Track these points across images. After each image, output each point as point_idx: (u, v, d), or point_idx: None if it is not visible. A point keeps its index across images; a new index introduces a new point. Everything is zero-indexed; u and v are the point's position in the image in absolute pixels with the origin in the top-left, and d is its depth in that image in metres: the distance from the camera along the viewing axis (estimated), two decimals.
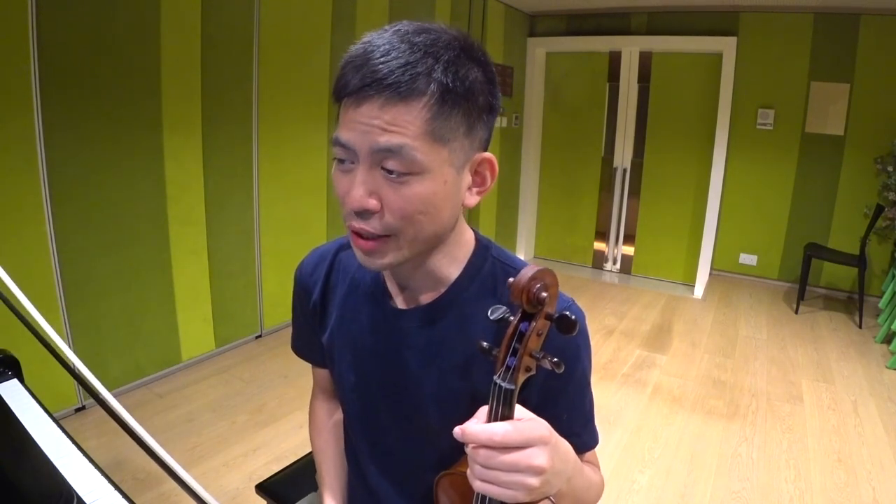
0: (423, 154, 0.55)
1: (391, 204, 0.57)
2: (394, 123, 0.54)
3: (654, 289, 4.57)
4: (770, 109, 4.34)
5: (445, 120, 0.56)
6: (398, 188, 0.57)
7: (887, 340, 3.45)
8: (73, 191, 2.16)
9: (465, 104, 0.57)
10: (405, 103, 0.54)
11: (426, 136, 0.55)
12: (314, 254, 0.83)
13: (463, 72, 0.56)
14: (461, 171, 0.61)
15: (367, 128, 0.55)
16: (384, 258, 0.61)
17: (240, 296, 2.96)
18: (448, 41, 0.57)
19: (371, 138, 0.55)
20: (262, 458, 2.09)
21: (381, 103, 0.54)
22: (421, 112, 0.55)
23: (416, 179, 0.56)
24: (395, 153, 0.55)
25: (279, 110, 2.96)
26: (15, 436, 0.92)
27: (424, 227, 0.60)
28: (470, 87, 0.57)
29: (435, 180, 0.57)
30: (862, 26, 3.97)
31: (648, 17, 4.55)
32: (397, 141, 0.54)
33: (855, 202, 4.20)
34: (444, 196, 0.59)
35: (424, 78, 0.54)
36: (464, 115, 0.57)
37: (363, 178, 0.57)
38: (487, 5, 4.33)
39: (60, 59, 2.05)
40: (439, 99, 0.55)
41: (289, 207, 3.13)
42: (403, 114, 0.54)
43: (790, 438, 2.41)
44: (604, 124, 4.83)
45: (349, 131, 0.56)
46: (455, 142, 0.58)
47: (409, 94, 0.54)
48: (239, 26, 2.70)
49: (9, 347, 1.16)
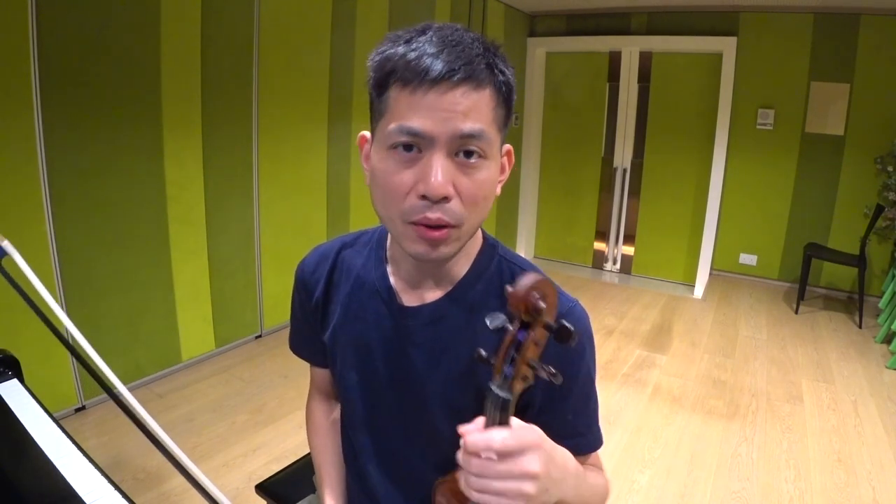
0: (492, 139, 0.59)
1: (464, 190, 0.58)
2: (473, 109, 0.56)
3: (654, 289, 4.57)
4: (770, 109, 4.33)
5: (502, 109, 0.60)
6: (472, 173, 0.58)
7: (887, 340, 3.45)
8: (73, 190, 2.16)
9: (510, 98, 0.62)
10: (478, 90, 0.57)
11: (493, 123, 0.59)
12: (315, 252, 0.82)
13: (507, 69, 0.61)
14: (500, 159, 0.64)
15: (447, 114, 0.56)
16: (447, 247, 0.61)
17: (240, 296, 2.96)
18: (492, 44, 0.61)
19: (454, 125, 0.56)
20: (262, 458, 2.09)
21: (463, 89, 0.56)
22: (490, 100, 0.58)
23: (485, 164, 0.59)
24: (477, 138, 0.57)
25: (279, 110, 2.96)
26: (15, 436, 0.92)
27: (482, 214, 0.62)
28: (510, 84, 0.61)
29: (495, 165, 0.62)
30: (862, 26, 3.97)
31: (648, 17, 4.55)
32: (479, 126, 0.57)
33: (855, 202, 4.20)
34: (495, 182, 0.63)
35: (489, 70, 0.58)
36: (507, 108, 0.62)
37: (442, 164, 0.56)
38: (487, 5, 4.33)
39: (60, 59, 2.05)
40: (498, 89, 0.59)
41: (289, 207, 3.13)
42: (479, 100, 0.57)
43: (790, 438, 2.41)
44: (604, 124, 4.83)
45: (425, 118, 0.56)
46: (503, 131, 0.62)
47: (482, 83, 0.57)
48: (239, 26, 2.70)
49: (9, 347, 1.16)
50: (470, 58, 0.56)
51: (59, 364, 2.21)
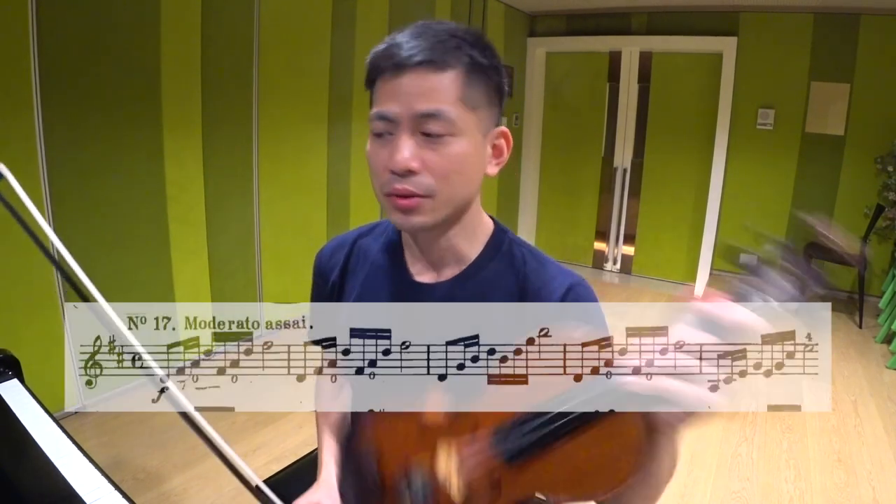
0: (458, 117, 0.64)
1: (431, 163, 0.64)
2: (432, 90, 0.62)
3: (654, 289, 4.57)
4: (770, 109, 4.33)
5: (473, 88, 0.65)
6: (438, 148, 0.64)
7: (887, 340, 3.45)
8: (72, 190, 2.16)
9: (487, 78, 0.66)
10: (441, 72, 0.63)
11: (459, 101, 0.64)
12: (333, 241, 0.87)
13: (483, 53, 0.66)
14: (485, 139, 0.68)
15: (408, 97, 0.63)
16: (421, 216, 0.66)
17: (240, 296, 2.96)
18: (466, 31, 0.67)
19: (413, 105, 0.63)
20: (262, 458, 2.09)
21: (421, 72, 0.62)
22: (455, 79, 0.63)
23: (453, 140, 0.64)
24: (434, 116, 0.63)
25: (279, 110, 2.96)
26: (15, 436, 0.92)
27: (458, 187, 0.66)
28: (488, 67, 0.66)
29: (468, 142, 0.65)
30: (862, 26, 3.97)
31: (648, 17, 4.55)
32: (435, 106, 0.62)
33: (855, 202, 4.19)
34: (474, 158, 0.67)
35: (455, 52, 0.64)
36: (486, 87, 0.66)
37: (406, 142, 0.63)
38: (487, 5, 4.33)
39: (60, 59, 2.05)
40: (469, 70, 0.64)
41: (289, 207, 3.13)
42: (440, 81, 0.63)
43: (790, 438, 2.41)
44: (604, 124, 4.83)
45: (390, 102, 0.64)
46: (481, 110, 0.66)
47: (444, 65, 0.63)
48: (239, 26, 2.70)
49: (9, 347, 1.15)
50: (434, 42, 0.63)
51: (59, 364, 2.21)
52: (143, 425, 2.22)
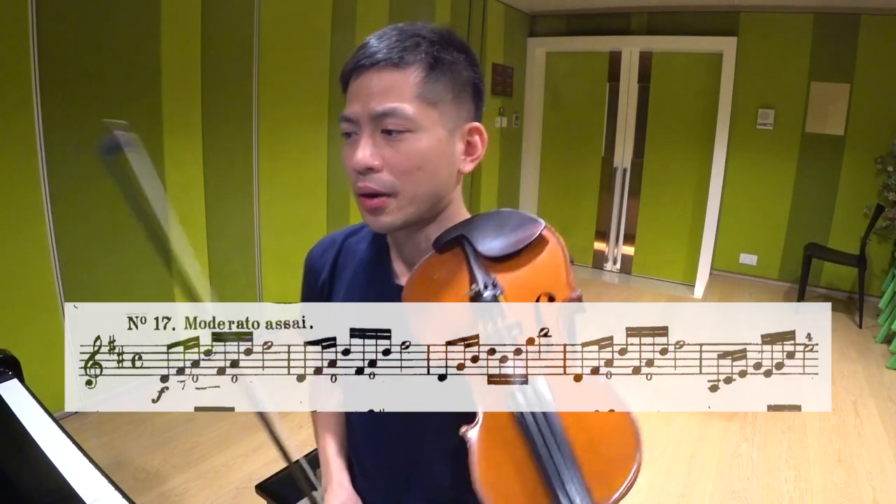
0: (415, 113, 0.64)
1: (391, 161, 0.65)
2: (388, 89, 0.63)
3: (654, 289, 4.57)
4: (770, 109, 4.33)
5: (433, 84, 0.65)
6: (397, 145, 0.64)
7: (887, 340, 3.45)
8: (73, 191, 2.16)
9: (450, 74, 0.66)
10: (398, 70, 0.64)
11: (417, 98, 0.64)
12: (324, 240, 0.88)
13: (447, 49, 0.67)
14: (453, 135, 0.68)
15: (366, 97, 0.64)
16: (387, 216, 0.67)
17: (240, 296, 2.96)
18: (432, 30, 0.67)
19: (370, 105, 0.64)
20: (262, 458, 2.09)
21: (377, 71, 0.64)
22: (412, 77, 0.64)
23: (412, 136, 0.64)
24: (390, 114, 0.63)
25: (279, 110, 2.96)
26: (15, 436, 0.92)
27: (422, 183, 0.66)
28: (454, 61, 0.67)
29: (429, 138, 0.65)
30: (862, 26, 3.97)
31: (648, 17, 4.55)
32: (391, 104, 0.63)
33: (855, 202, 4.19)
34: (439, 154, 0.67)
35: (413, 49, 0.64)
36: (449, 82, 0.66)
37: (366, 141, 0.65)
38: (487, 5, 4.33)
39: (60, 59, 2.05)
40: (427, 66, 0.65)
41: (289, 207, 3.13)
42: (397, 79, 0.64)
43: (790, 438, 2.41)
44: (604, 124, 4.83)
45: (353, 103, 0.66)
46: (444, 105, 0.66)
47: (401, 62, 0.64)
48: (239, 26, 2.70)
49: (9, 347, 1.15)
50: (394, 42, 0.64)
51: (59, 364, 2.21)
52: (143, 425, 2.22)
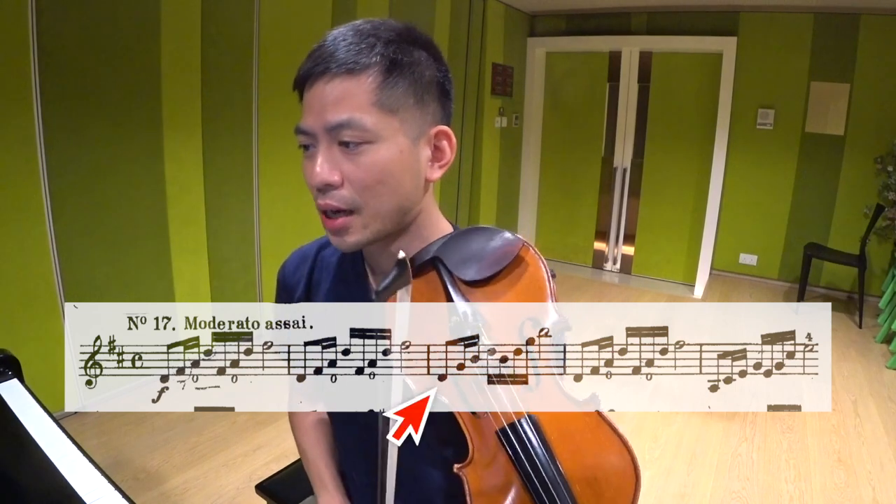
0: (373, 123, 0.59)
1: (351, 176, 0.60)
2: (342, 98, 0.59)
3: (654, 289, 4.57)
4: (770, 109, 4.33)
5: (392, 89, 0.60)
6: (356, 158, 0.60)
7: (887, 340, 3.45)
8: (73, 191, 2.16)
9: (411, 76, 0.61)
10: (352, 77, 0.59)
11: (374, 106, 0.59)
12: (295, 254, 0.84)
13: (406, 48, 0.61)
14: (417, 142, 0.63)
15: (319, 107, 0.59)
16: (352, 235, 0.64)
17: (240, 296, 2.96)
18: (390, 27, 0.62)
19: (324, 117, 0.59)
20: (262, 458, 2.09)
21: (329, 79, 0.59)
22: (367, 83, 0.59)
23: (371, 148, 0.60)
24: (345, 126, 0.59)
25: (279, 110, 2.96)
26: (15, 436, 0.92)
27: (385, 198, 0.62)
28: (414, 62, 0.61)
29: (390, 148, 0.61)
30: (862, 26, 3.97)
31: (648, 17, 4.55)
32: (346, 115, 0.58)
33: (855, 202, 4.19)
34: (401, 166, 0.62)
35: (367, 52, 0.59)
36: (410, 86, 0.61)
37: (323, 155, 0.60)
38: (487, 5, 4.33)
39: (60, 59, 2.05)
40: (384, 70, 0.59)
41: (289, 207, 3.13)
42: (351, 87, 0.59)
43: (790, 438, 2.41)
44: (604, 124, 4.83)
45: (306, 114, 0.61)
46: (405, 111, 0.61)
47: (355, 67, 0.58)
48: (239, 26, 2.70)
49: (9, 347, 1.15)
50: (347, 45, 0.59)
51: (59, 364, 2.21)
52: (143, 425, 2.22)
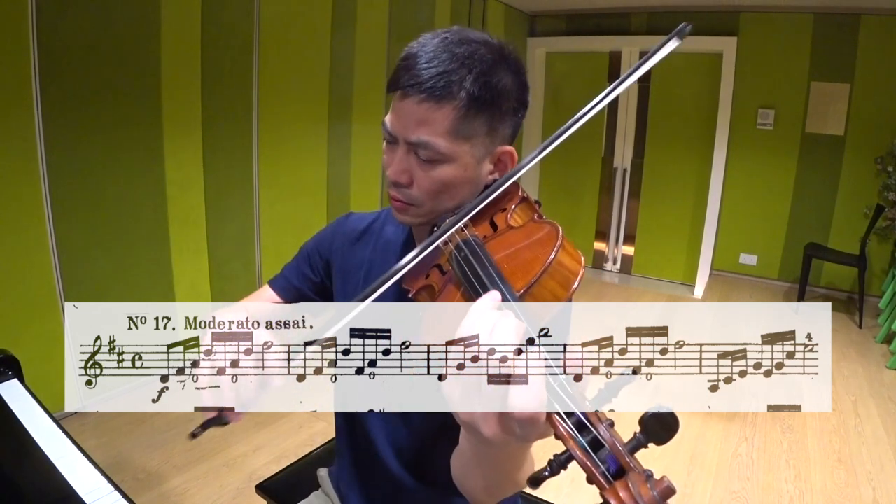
0: (447, 148, 0.67)
1: (420, 181, 0.70)
2: (424, 121, 0.66)
3: (654, 289, 4.57)
4: (770, 109, 4.33)
5: (469, 122, 0.67)
6: (427, 169, 0.69)
7: (887, 340, 3.45)
8: (73, 191, 2.16)
9: (490, 109, 0.68)
10: (437, 105, 0.66)
11: (450, 133, 0.67)
12: (361, 214, 0.95)
13: (494, 81, 0.68)
14: (482, 160, 0.72)
15: (405, 121, 0.68)
16: (410, 217, 0.74)
17: (240, 296, 2.95)
18: (483, 56, 0.67)
19: (407, 131, 0.68)
20: (262, 458, 2.09)
21: (418, 101, 0.66)
22: (450, 113, 0.66)
23: (441, 165, 0.69)
24: (423, 147, 0.68)
25: (279, 110, 2.96)
26: (15, 436, 0.92)
27: (444, 202, 0.72)
28: (498, 94, 0.69)
29: (457, 168, 0.70)
30: (862, 26, 3.97)
31: (648, 17, 4.55)
32: (425, 137, 0.67)
33: (855, 202, 4.19)
34: (463, 180, 0.71)
35: (457, 86, 0.65)
36: (487, 119, 0.69)
37: (400, 158, 0.70)
38: (487, 5, 4.33)
39: (60, 59, 2.05)
40: (466, 105, 0.66)
41: (289, 207, 3.13)
42: (433, 114, 0.66)
43: (790, 438, 2.41)
44: (604, 124, 4.83)
45: (394, 120, 0.69)
46: (477, 139, 0.69)
47: (442, 97, 0.65)
48: (239, 26, 2.70)
49: (9, 347, 1.15)
50: (440, 71, 0.65)
51: (59, 364, 2.21)
52: (143, 425, 2.22)
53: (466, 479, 0.64)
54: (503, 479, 0.60)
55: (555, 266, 0.55)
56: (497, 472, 0.59)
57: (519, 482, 0.60)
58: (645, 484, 0.40)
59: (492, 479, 0.60)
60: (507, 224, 0.67)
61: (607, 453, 0.42)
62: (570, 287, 0.56)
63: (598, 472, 0.41)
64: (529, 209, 0.70)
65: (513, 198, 0.70)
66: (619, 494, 0.39)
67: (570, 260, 0.59)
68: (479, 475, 0.61)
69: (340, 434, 0.92)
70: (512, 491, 0.62)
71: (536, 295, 0.54)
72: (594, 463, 0.42)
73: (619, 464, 0.41)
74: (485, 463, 0.58)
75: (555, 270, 0.55)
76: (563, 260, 0.56)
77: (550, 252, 0.55)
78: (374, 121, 3.51)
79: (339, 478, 0.93)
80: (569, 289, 0.56)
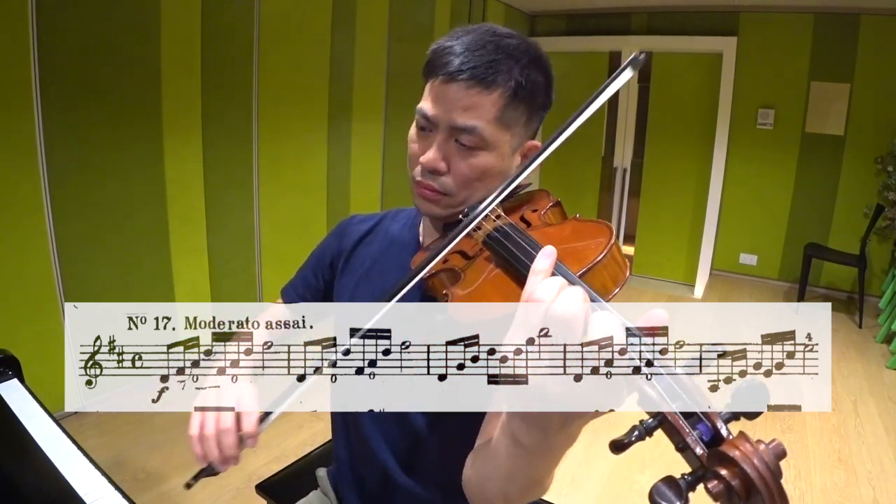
0: (491, 134, 0.68)
1: (457, 169, 0.70)
2: (472, 107, 0.66)
3: (654, 289, 4.57)
4: (770, 109, 4.33)
5: (514, 110, 0.69)
6: (467, 157, 0.69)
7: (887, 340, 3.45)
8: (73, 191, 2.16)
9: (529, 101, 0.70)
10: (486, 90, 0.66)
11: (496, 120, 0.68)
12: (365, 215, 0.96)
13: (533, 75, 0.69)
14: (514, 151, 0.73)
15: (450, 105, 0.67)
16: (438, 208, 0.73)
17: (240, 296, 2.96)
18: (525, 49, 0.69)
19: (452, 116, 0.67)
20: (262, 458, 2.09)
21: (467, 86, 0.66)
22: (497, 101, 0.67)
23: (481, 153, 0.69)
24: (469, 132, 0.67)
25: (279, 110, 2.96)
26: (15, 436, 0.92)
27: (476, 192, 0.71)
28: (535, 88, 0.70)
29: (496, 157, 0.70)
30: (862, 26, 3.97)
31: (648, 17, 4.55)
32: (472, 122, 0.67)
33: (855, 202, 4.19)
34: (499, 169, 0.71)
35: (505, 74, 0.66)
36: (527, 109, 0.70)
37: (439, 145, 0.69)
38: (487, 5, 4.33)
39: (60, 59, 2.05)
40: (513, 93, 0.67)
41: (289, 207, 3.13)
42: (483, 100, 0.66)
43: (790, 438, 2.41)
44: (604, 124, 4.83)
45: (435, 106, 0.68)
46: (516, 128, 0.71)
47: (491, 84, 0.66)
48: (239, 26, 2.70)
49: (9, 347, 1.15)
50: (487, 60, 0.66)
51: (59, 364, 2.21)
52: (143, 425, 2.22)
53: (490, 482, 0.59)
54: (532, 482, 0.57)
55: (609, 258, 0.54)
56: (533, 470, 0.55)
57: (545, 486, 0.58)
58: (755, 442, 0.40)
59: (523, 480, 0.57)
60: (542, 221, 0.69)
61: (698, 420, 0.43)
62: (619, 283, 0.55)
63: (690, 440, 0.42)
64: (562, 214, 0.73)
65: (543, 199, 0.72)
66: (739, 446, 0.39)
67: (621, 257, 0.59)
68: (504, 479, 0.57)
69: (337, 435, 0.92)
70: (533, 498, 0.60)
71: (589, 281, 0.52)
72: (688, 430, 0.43)
73: (714, 432, 0.42)
74: (521, 460, 0.54)
75: (609, 262, 0.54)
76: (616, 254, 0.56)
77: (608, 242, 0.55)
78: (374, 120, 3.51)
79: (337, 478, 0.93)
80: (617, 284, 0.55)
